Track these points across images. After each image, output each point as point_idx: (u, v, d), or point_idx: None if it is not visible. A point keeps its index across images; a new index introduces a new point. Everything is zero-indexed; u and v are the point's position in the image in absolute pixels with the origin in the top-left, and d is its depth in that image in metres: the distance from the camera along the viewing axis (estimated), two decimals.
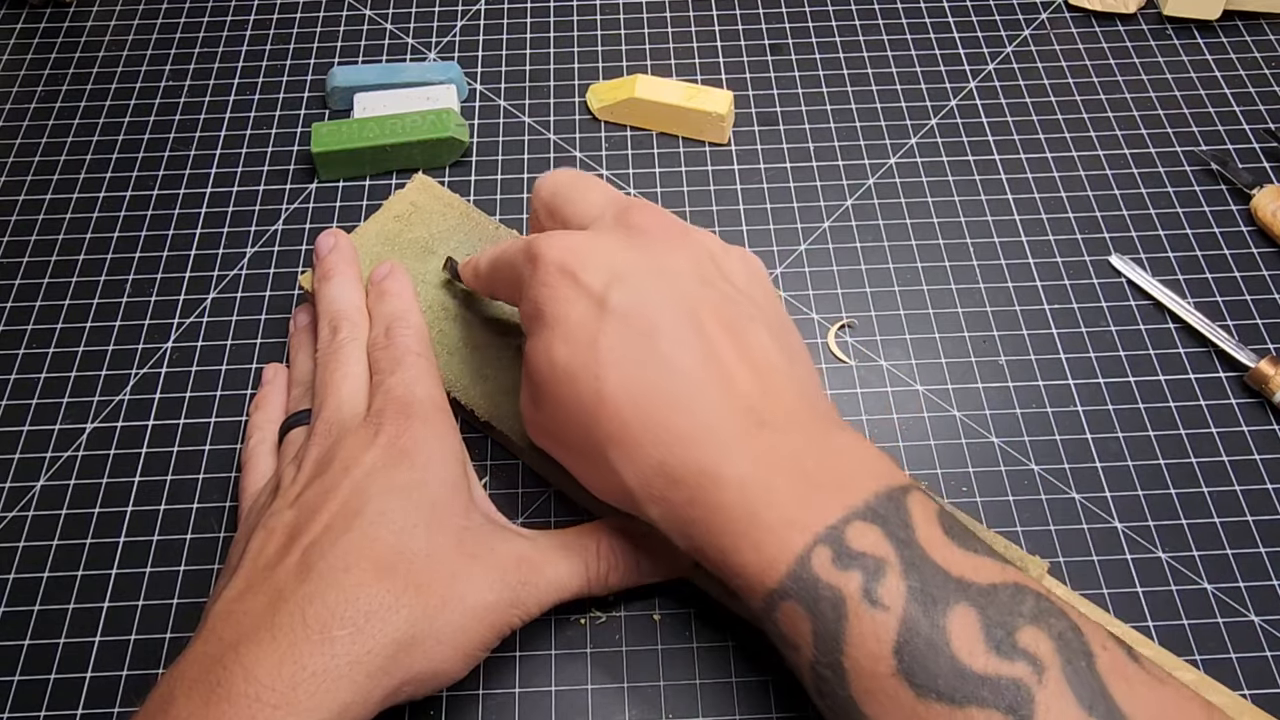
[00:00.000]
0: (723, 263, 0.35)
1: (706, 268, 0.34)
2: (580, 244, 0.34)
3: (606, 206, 0.36)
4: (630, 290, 0.32)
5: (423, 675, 0.31)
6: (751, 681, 0.37)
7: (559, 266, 0.33)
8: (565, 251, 0.33)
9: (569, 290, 0.33)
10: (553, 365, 0.32)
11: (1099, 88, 0.53)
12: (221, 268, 0.48)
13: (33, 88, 0.55)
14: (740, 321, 0.33)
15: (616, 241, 0.34)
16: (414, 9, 0.57)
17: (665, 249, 0.34)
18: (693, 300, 0.32)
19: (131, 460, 0.42)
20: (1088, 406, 0.43)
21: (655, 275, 0.33)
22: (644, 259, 0.33)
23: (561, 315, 0.32)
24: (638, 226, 0.34)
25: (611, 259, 0.33)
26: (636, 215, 0.34)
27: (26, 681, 0.37)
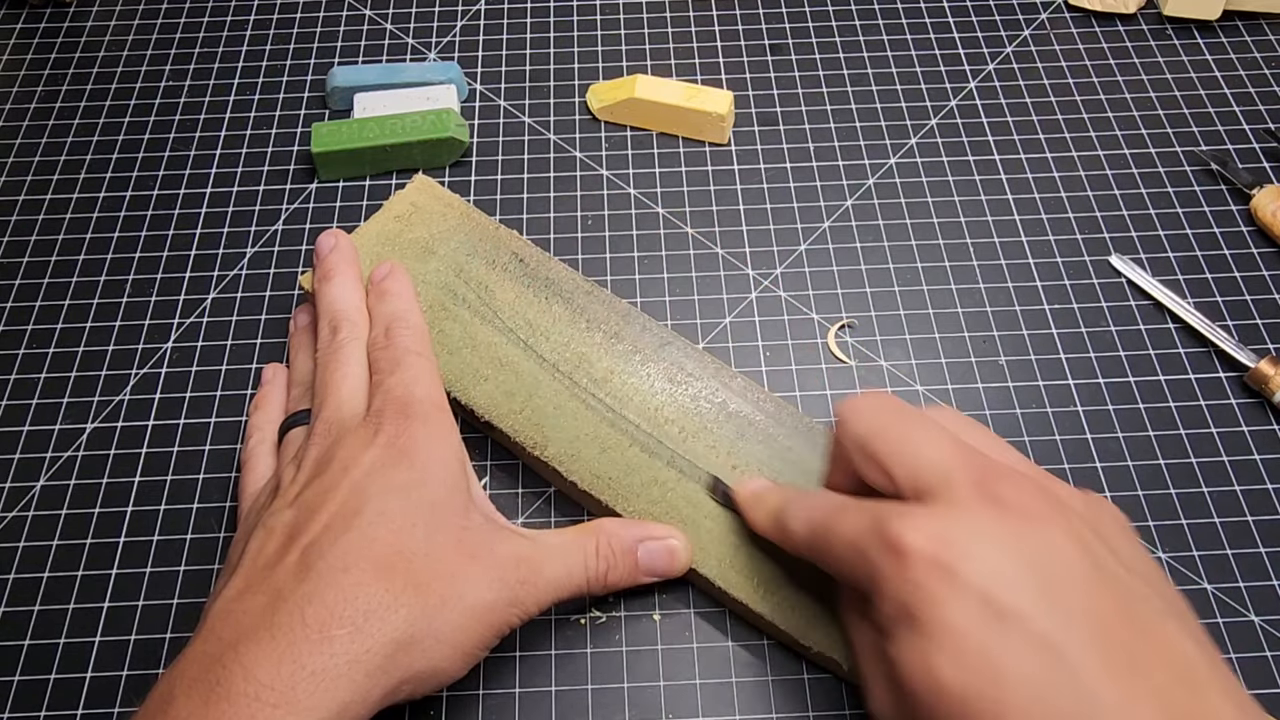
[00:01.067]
0: (1103, 533, 0.30)
1: (1094, 549, 0.29)
2: (953, 533, 0.28)
3: (955, 469, 0.30)
4: (1026, 594, 0.27)
5: (422, 674, 0.31)
6: (751, 681, 0.37)
7: (932, 561, 0.28)
8: (938, 544, 0.28)
9: (948, 593, 0.27)
10: (939, 683, 0.27)
11: (1099, 88, 0.53)
12: (221, 268, 0.48)
13: (33, 88, 0.55)
14: (1155, 624, 0.27)
15: (991, 527, 0.28)
16: (414, 9, 0.57)
17: (1044, 529, 0.28)
18: (1094, 599, 0.27)
19: (131, 460, 0.42)
20: (1088, 406, 0.43)
21: (1046, 570, 0.28)
22: (1026, 547, 0.28)
23: (944, 624, 0.27)
24: (1008, 503, 0.29)
25: (993, 553, 0.28)
26: (1005, 487, 0.29)
27: (26, 681, 0.37)
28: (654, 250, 0.47)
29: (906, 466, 0.30)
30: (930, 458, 0.30)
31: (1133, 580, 0.28)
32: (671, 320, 0.45)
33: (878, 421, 0.31)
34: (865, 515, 0.30)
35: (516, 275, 0.43)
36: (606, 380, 0.41)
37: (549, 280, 0.43)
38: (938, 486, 0.30)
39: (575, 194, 0.49)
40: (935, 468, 0.30)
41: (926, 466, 0.30)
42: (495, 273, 0.43)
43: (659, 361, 0.41)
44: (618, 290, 0.46)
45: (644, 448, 0.39)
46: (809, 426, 0.40)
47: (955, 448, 0.30)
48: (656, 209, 0.49)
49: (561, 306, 0.42)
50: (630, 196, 0.49)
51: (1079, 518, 0.29)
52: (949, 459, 0.30)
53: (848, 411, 0.32)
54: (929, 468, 0.30)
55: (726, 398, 0.40)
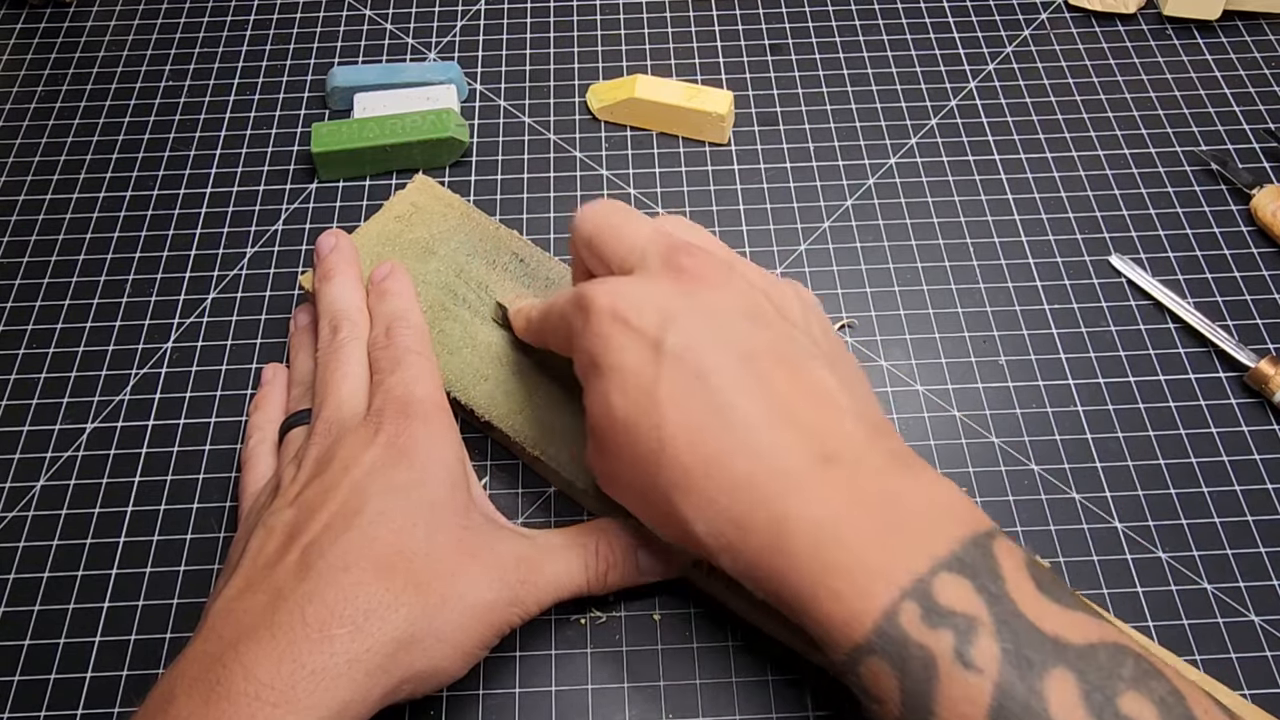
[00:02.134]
0: (775, 298, 0.34)
1: (759, 305, 0.33)
2: (630, 290, 0.33)
3: (649, 245, 0.34)
4: (683, 334, 0.31)
5: (422, 674, 0.31)
6: (751, 681, 0.37)
7: (610, 314, 0.32)
8: (615, 298, 0.32)
9: (622, 338, 0.32)
10: (611, 415, 0.32)
11: (1099, 88, 0.53)
12: (221, 268, 0.48)
13: (33, 88, 0.55)
14: (798, 358, 0.32)
15: (666, 285, 0.33)
16: (414, 9, 0.57)
17: (715, 289, 0.33)
18: (747, 340, 0.32)
19: (131, 460, 0.42)
20: (1088, 406, 0.43)
21: (707, 318, 0.32)
22: (694, 302, 0.32)
23: (616, 364, 0.32)
24: (686, 269, 0.33)
25: (662, 304, 0.32)
26: (683, 257, 0.33)
27: (26, 681, 0.37)
28: None
29: (615, 250, 0.35)
30: (632, 240, 0.35)
31: (792, 331, 0.33)
32: None
33: (597, 220, 0.36)
34: (572, 291, 0.35)
35: (517, 275, 0.43)
36: None
37: (549, 280, 0.43)
38: (635, 263, 0.34)
39: (575, 194, 0.49)
40: (634, 248, 0.34)
41: (628, 248, 0.35)
42: (495, 273, 0.43)
43: None
44: None
45: None
46: None
47: (653, 232, 0.35)
48: (656, 209, 0.49)
49: None
50: (630, 196, 0.49)
51: (754, 285, 0.34)
52: (646, 242, 0.34)
53: (578, 217, 0.36)
54: (630, 249, 0.35)
55: None
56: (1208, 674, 0.36)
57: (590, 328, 0.33)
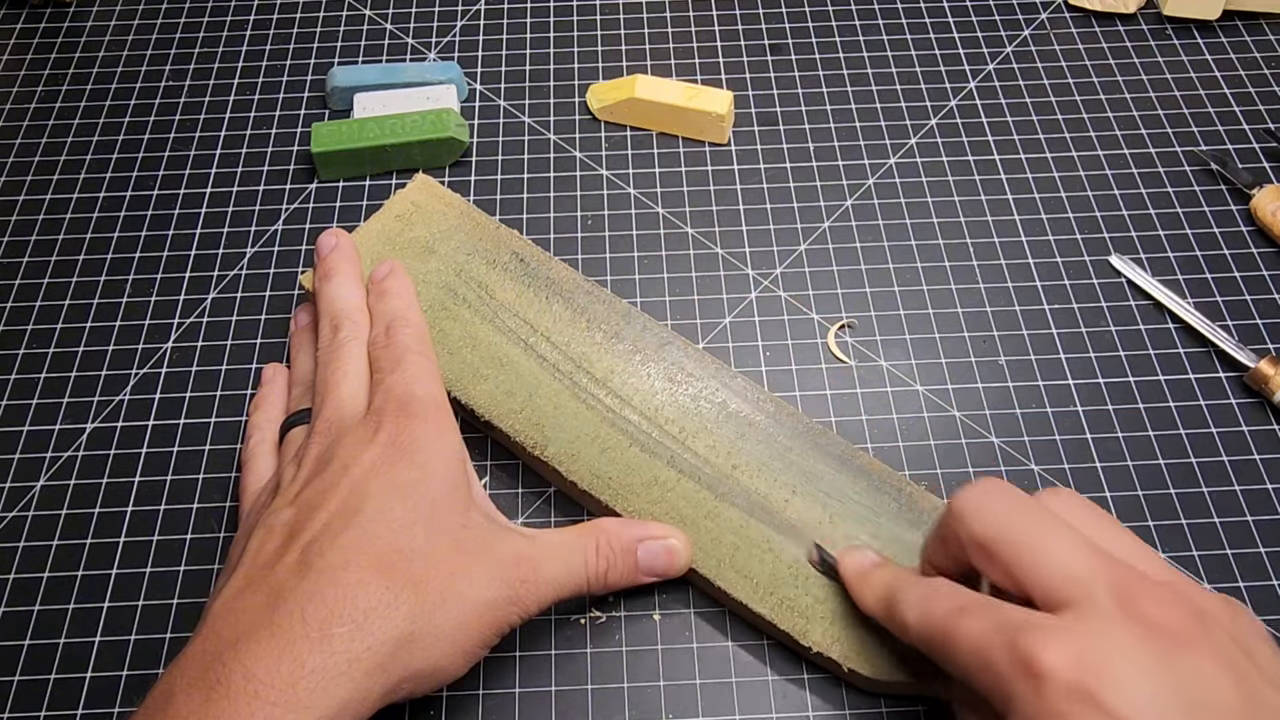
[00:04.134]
0: (1249, 648, 0.28)
1: (1244, 672, 0.27)
2: (1094, 655, 0.26)
3: (1095, 581, 0.28)
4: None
5: (422, 672, 0.31)
6: (751, 681, 0.36)
7: (1074, 690, 0.26)
8: (1079, 669, 0.26)
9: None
10: None
11: (1099, 88, 0.53)
12: (221, 268, 0.48)
13: (33, 88, 0.55)
14: None
15: (1137, 650, 0.26)
16: (414, 9, 0.57)
17: (1195, 656, 0.26)
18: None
19: (131, 460, 0.42)
20: (1088, 406, 0.43)
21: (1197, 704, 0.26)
22: (1177, 677, 0.26)
23: None
24: (1154, 621, 0.27)
25: (1141, 681, 0.26)
26: (1150, 603, 0.27)
27: (26, 681, 0.37)
28: (654, 250, 0.47)
29: (1041, 577, 0.28)
30: (1067, 568, 0.28)
31: (1270, 694, 0.27)
32: (671, 320, 0.45)
33: (1003, 523, 0.29)
34: (993, 622, 0.28)
35: (517, 275, 0.43)
36: (607, 380, 0.41)
37: (549, 280, 0.43)
38: (1076, 600, 0.27)
39: (575, 194, 0.49)
40: (1073, 579, 0.28)
41: (1063, 577, 0.28)
42: (496, 272, 0.43)
43: (659, 361, 0.41)
44: (618, 290, 0.46)
45: (644, 447, 0.39)
46: (808, 427, 0.40)
47: (1093, 555, 0.28)
48: (656, 209, 0.49)
49: (562, 306, 0.42)
50: (630, 196, 0.49)
51: (1226, 634, 0.27)
52: (1087, 569, 0.28)
53: (966, 508, 0.30)
54: (1066, 579, 0.28)
55: (726, 398, 0.40)
56: None
57: (1047, 703, 0.26)
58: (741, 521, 0.37)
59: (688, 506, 0.38)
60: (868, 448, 0.41)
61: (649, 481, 0.38)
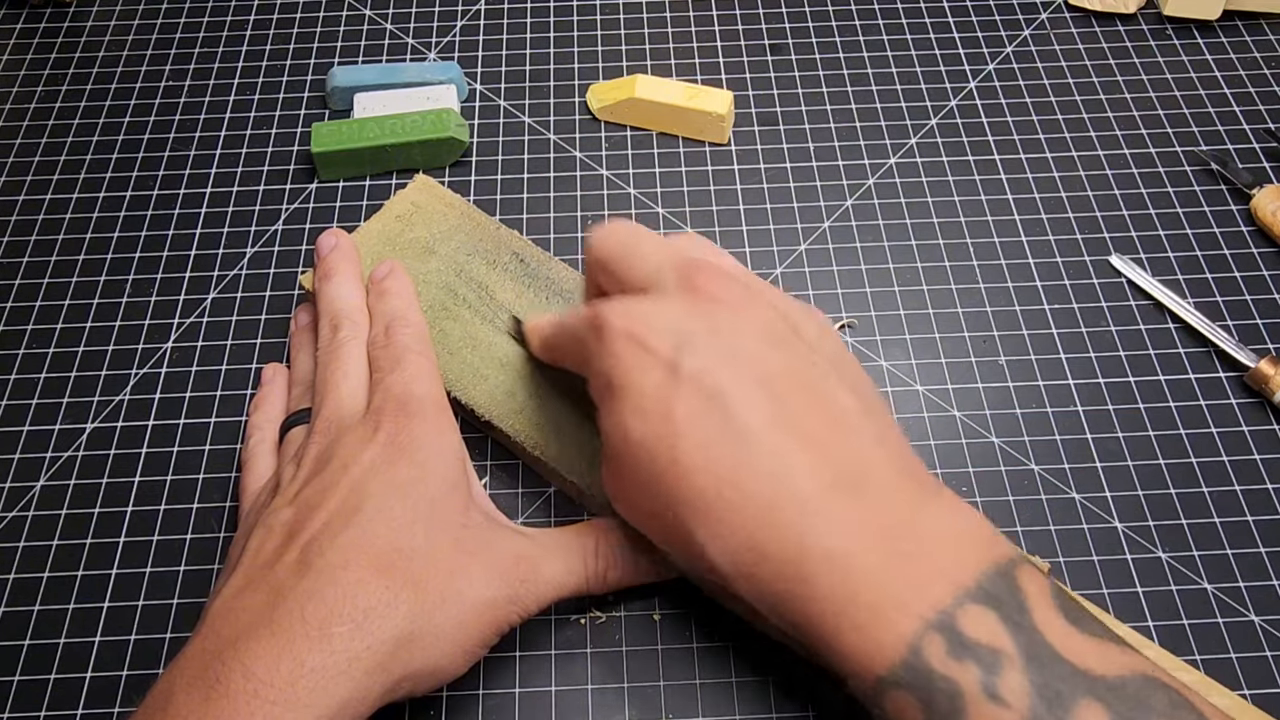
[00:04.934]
0: (793, 320, 0.33)
1: (777, 327, 0.32)
2: (645, 310, 0.32)
3: (665, 265, 0.34)
4: (700, 356, 0.31)
5: (422, 672, 0.31)
6: (751, 681, 0.36)
7: (625, 335, 0.32)
8: (631, 319, 0.32)
9: (637, 359, 0.31)
10: (627, 438, 0.31)
11: (1099, 88, 0.53)
12: (221, 268, 0.48)
13: (33, 88, 0.55)
14: (816, 381, 0.31)
15: (682, 305, 0.32)
16: (414, 9, 0.57)
17: (732, 310, 0.32)
18: (765, 362, 0.31)
19: (131, 460, 0.42)
20: (1088, 406, 0.43)
21: (724, 339, 0.31)
22: (712, 323, 0.32)
23: (632, 385, 0.31)
24: (702, 289, 0.32)
25: (678, 324, 0.32)
26: (701, 278, 0.33)
27: (26, 681, 0.37)
28: None
29: (630, 271, 0.34)
30: (648, 261, 0.34)
31: (810, 354, 0.32)
32: None
33: (614, 240, 0.35)
34: (588, 311, 0.34)
35: (517, 275, 0.43)
36: None
37: (550, 280, 0.43)
38: (651, 283, 0.34)
39: (575, 194, 0.49)
40: (650, 268, 0.34)
41: (643, 268, 0.34)
42: (496, 272, 0.43)
43: None
44: None
45: None
46: None
47: (669, 252, 0.34)
48: (656, 209, 0.49)
49: (562, 306, 0.42)
50: (630, 196, 0.49)
51: (772, 307, 0.33)
52: (661, 260, 0.34)
53: (592, 237, 0.36)
54: (646, 269, 0.34)
55: None
56: (1208, 674, 0.36)
57: (605, 348, 0.32)
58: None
59: None
60: None
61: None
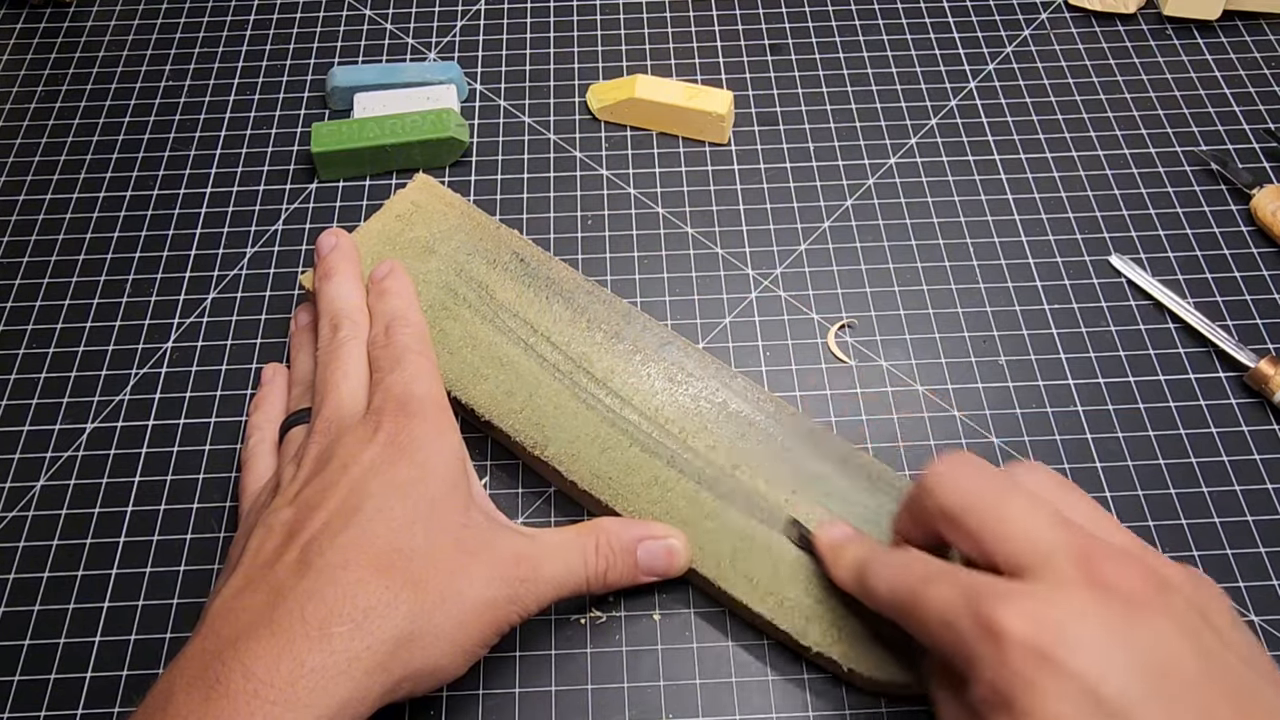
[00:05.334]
0: (1210, 616, 0.28)
1: (1203, 637, 0.27)
2: (1053, 616, 0.27)
3: (1056, 547, 0.28)
4: (1128, 684, 0.26)
5: (421, 672, 0.31)
6: (751, 681, 0.36)
7: (1035, 651, 0.26)
8: (1040, 628, 0.27)
9: (1050, 683, 0.26)
10: None
11: (1099, 88, 0.53)
12: (221, 268, 0.48)
13: (33, 88, 0.55)
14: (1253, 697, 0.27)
15: (1097, 612, 0.27)
16: (414, 9, 0.57)
17: (1153, 615, 0.27)
18: (1203, 697, 0.26)
19: (131, 460, 0.42)
20: (1088, 406, 0.43)
21: (1151, 657, 0.26)
22: (1134, 635, 0.26)
23: (1042, 713, 0.26)
24: (1114, 586, 0.27)
25: (1095, 637, 0.26)
26: (1110, 568, 0.28)
27: (26, 681, 0.37)
28: (654, 250, 0.47)
29: (1004, 544, 0.29)
30: (1029, 535, 0.29)
31: (1240, 668, 0.27)
32: (671, 320, 0.45)
33: (969, 493, 0.30)
34: (958, 589, 0.29)
35: (517, 275, 0.43)
36: (607, 380, 0.41)
37: (550, 280, 0.43)
38: (1038, 566, 0.28)
39: (575, 194, 0.49)
40: (1035, 546, 0.28)
41: (1025, 544, 0.28)
42: (496, 272, 0.43)
43: (659, 361, 0.41)
44: (618, 290, 0.46)
45: (644, 447, 0.39)
46: (808, 428, 0.40)
47: (1055, 523, 0.29)
48: (656, 209, 0.49)
49: (562, 306, 0.42)
50: (630, 196, 0.49)
51: (1186, 601, 0.28)
52: (1049, 536, 0.28)
53: (936, 481, 0.31)
54: (1028, 546, 0.28)
55: (727, 398, 0.40)
56: None
57: (1005, 660, 0.27)
58: (742, 522, 0.37)
59: (688, 506, 0.38)
60: (868, 448, 0.41)
61: (649, 481, 0.38)
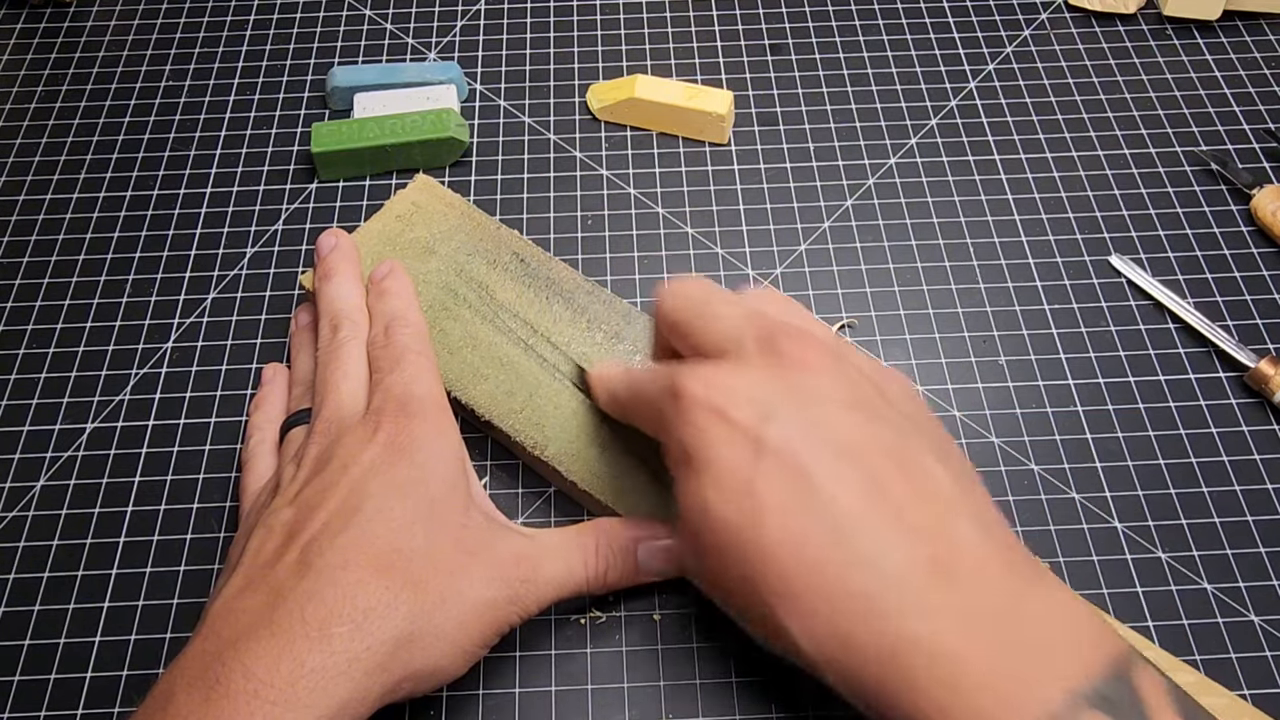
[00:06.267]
0: (881, 386, 0.32)
1: (866, 395, 0.31)
2: (726, 379, 0.31)
3: (745, 328, 0.32)
4: (785, 428, 0.29)
5: (422, 672, 0.31)
6: (751, 681, 0.36)
7: (705, 404, 0.30)
8: (711, 388, 0.30)
9: (718, 430, 0.30)
10: (707, 513, 0.30)
11: (1099, 88, 0.53)
12: (221, 268, 0.48)
13: (33, 88, 0.55)
14: (908, 453, 0.29)
15: (765, 373, 0.31)
16: (414, 9, 0.57)
17: (819, 377, 0.30)
18: (854, 434, 0.29)
19: (131, 460, 0.42)
20: (1088, 406, 0.43)
21: (811, 409, 0.30)
22: (797, 392, 0.30)
23: (713, 458, 0.30)
24: (786, 355, 0.31)
25: (762, 394, 0.30)
26: (784, 341, 0.31)
27: (26, 681, 0.37)
28: (654, 250, 0.47)
29: (705, 334, 0.33)
30: (724, 323, 0.33)
31: (901, 422, 0.30)
32: None
33: (686, 300, 0.34)
34: (664, 373, 0.33)
35: (517, 275, 0.43)
36: None
37: (550, 280, 0.43)
38: (730, 347, 0.32)
39: (575, 194, 0.49)
40: (728, 331, 0.32)
41: (721, 331, 0.32)
42: (496, 272, 0.43)
43: None
44: (618, 290, 0.46)
45: None
46: None
47: (747, 314, 0.33)
48: (656, 209, 0.49)
49: (562, 306, 0.42)
50: (630, 196, 0.49)
51: (858, 372, 0.31)
52: (741, 325, 0.32)
53: (662, 293, 0.34)
54: (723, 332, 0.32)
55: None
56: (1207, 674, 0.36)
57: (684, 418, 0.31)
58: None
59: None
60: None
61: (649, 481, 0.38)
